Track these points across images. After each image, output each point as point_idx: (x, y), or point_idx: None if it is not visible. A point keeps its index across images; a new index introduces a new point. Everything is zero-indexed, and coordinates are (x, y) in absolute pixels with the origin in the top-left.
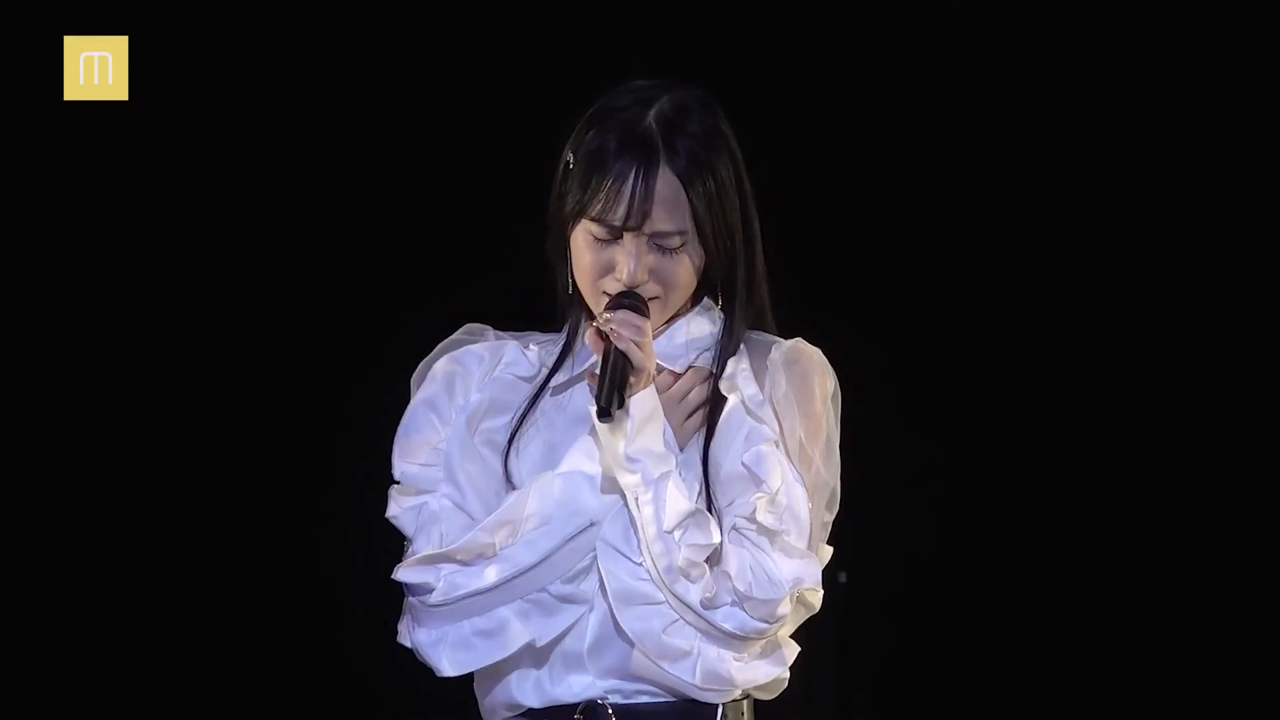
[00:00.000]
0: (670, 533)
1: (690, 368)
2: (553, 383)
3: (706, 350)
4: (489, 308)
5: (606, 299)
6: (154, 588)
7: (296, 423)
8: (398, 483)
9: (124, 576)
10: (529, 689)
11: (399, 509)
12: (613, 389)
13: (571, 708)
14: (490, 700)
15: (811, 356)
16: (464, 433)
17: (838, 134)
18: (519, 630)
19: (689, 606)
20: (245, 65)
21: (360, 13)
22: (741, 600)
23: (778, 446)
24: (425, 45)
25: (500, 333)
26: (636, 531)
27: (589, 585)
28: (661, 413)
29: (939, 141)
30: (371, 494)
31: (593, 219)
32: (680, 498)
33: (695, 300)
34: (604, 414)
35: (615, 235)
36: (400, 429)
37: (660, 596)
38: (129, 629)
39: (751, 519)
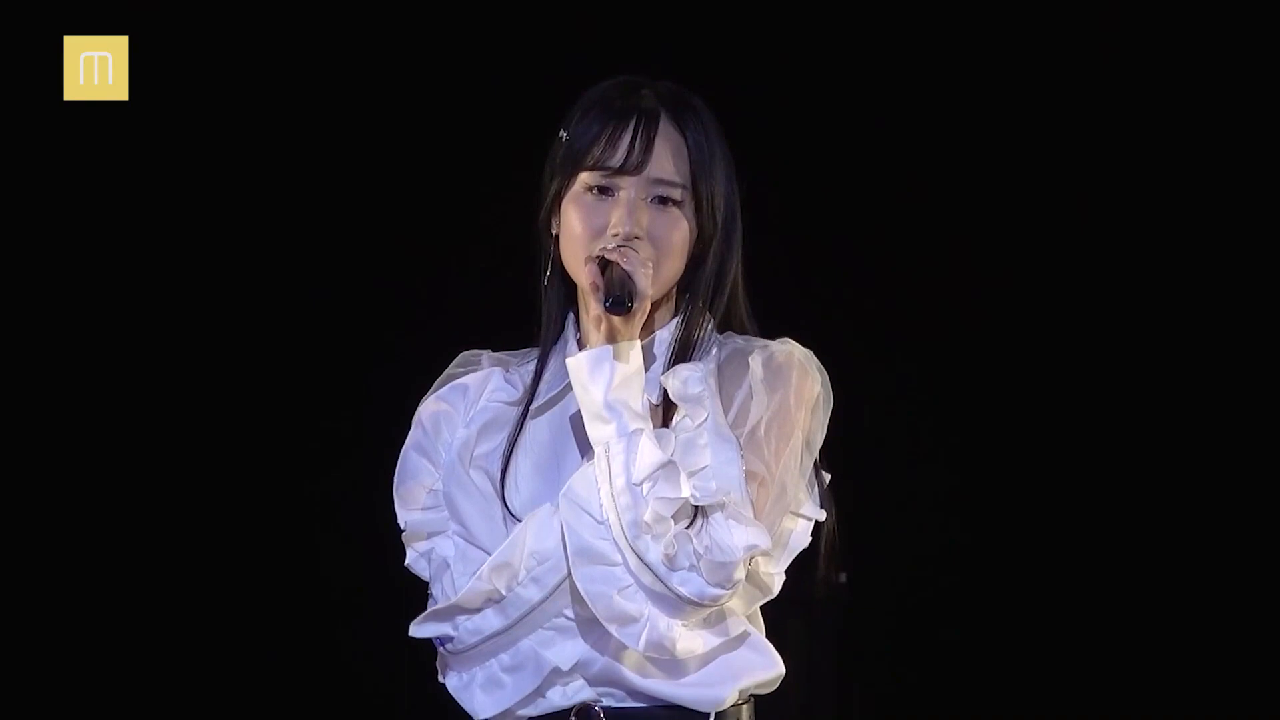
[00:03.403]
0: (639, 485)
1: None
2: (533, 406)
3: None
4: (495, 307)
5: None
6: (155, 590)
7: (297, 423)
8: (404, 531)
9: (124, 578)
10: (524, 699)
11: (413, 556)
12: (622, 287)
13: (565, 712)
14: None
15: (793, 354)
16: (457, 469)
17: (840, 136)
18: (544, 658)
19: (648, 566)
20: (245, 65)
21: (361, 13)
22: (699, 561)
23: (700, 429)
24: (426, 46)
25: (496, 354)
26: (600, 488)
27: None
28: (644, 376)
29: (940, 142)
30: (376, 495)
31: (589, 168)
32: (653, 450)
33: (677, 308)
34: (619, 304)
35: (612, 185)
36: (396, 477)
37: (618, 558)
38: (129, 630)
39: (691, 499)
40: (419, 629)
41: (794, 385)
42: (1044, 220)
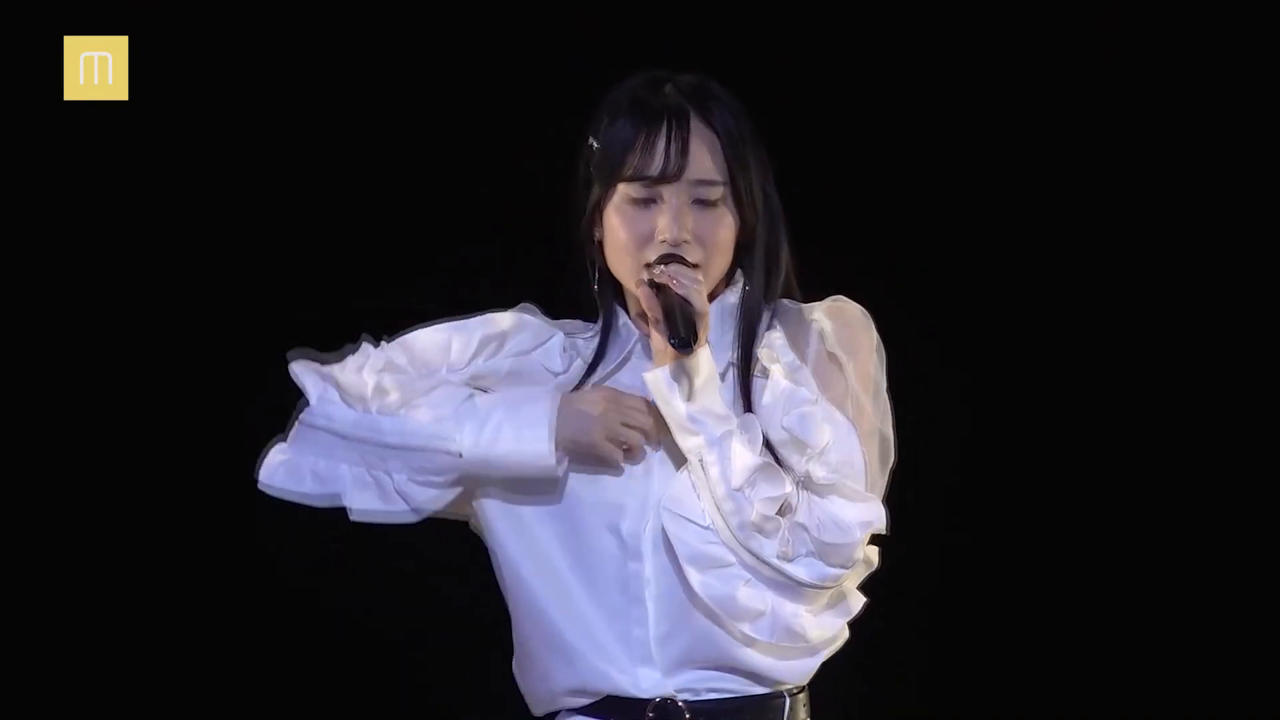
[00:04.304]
0: (740, 490)
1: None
2: (594, 377)
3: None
4: (498, 305)
5: (645, 271)
6: (152, 589)
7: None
8: (378, 343)
9: (120, 576)
10: (594, 676)
11: (364, 345)
12: (688, 323)
13: (643, 704)
14: (548, 685)
15: (855, 310)
16: (463, 380)
17: (833, 133)
18: (346, 492)
19: (765, 561)
20: (245, 65)
21: (362, 11)
22: (819, 549)
23: (817, 404)
24: (429, 44)
25: (549, 321)
26: (700, 494)
27: (429, 501)
28: (718, 376)
29: (936, 142)
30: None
31: (628, 179)
32: (746, 453)
33: (728, 281)
34: (685, 345)
35: (653, 194)
36: (416, 331)
37: (732, 558)
38: (126, 629)
39: (807, 479)
40: (299, 371)
41: (864, 343)
42: (1043, 221)
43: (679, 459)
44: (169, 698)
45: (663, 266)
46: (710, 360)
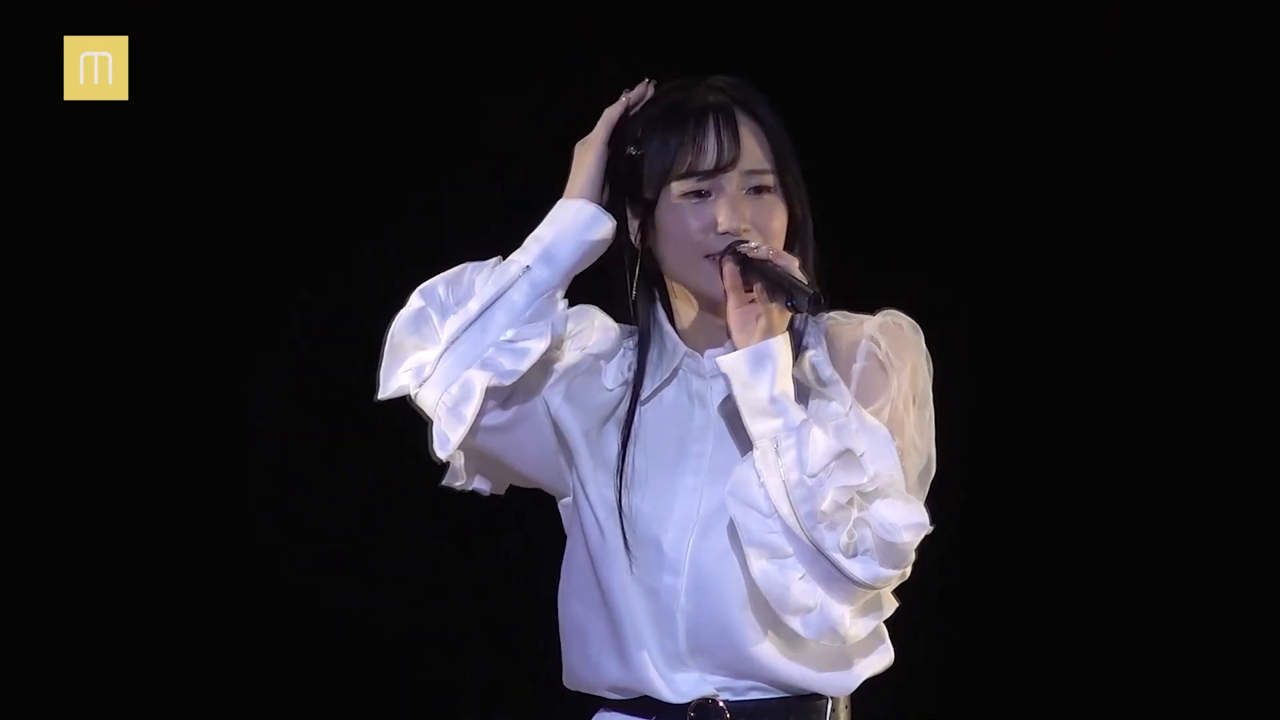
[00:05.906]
0: (815, 475)
1: None
2: (642, 394)
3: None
4: None
5: (709, 262)
6: (150, 586)
7: (295, 418)
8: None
9: (118, 571)
10: (639, 681)
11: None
12: (798, 284)
13: (683, 707)
14: (599, 675)
15: (905, 322)
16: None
17: (830, 129)
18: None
19: (824, 554)
20: (245, 65)
21: (362, 12)
22: (879, 548)
23: (849, 415)
24: (429, 43)
25: (623, 330)
26: (767, 480)
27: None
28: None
29: (943, 127)
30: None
31: (682, 175)
32: (826, 439)
33: None
34: (817, 300)
35: (708, 187)
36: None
37: (790, 549)
38: (125, 625)
39: (847, 487)
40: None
41: (911, 356)
42: (1041, 220)
43: (726, 478)
44: (170, 698)
45: (754, 244)
46: (789, 347)
